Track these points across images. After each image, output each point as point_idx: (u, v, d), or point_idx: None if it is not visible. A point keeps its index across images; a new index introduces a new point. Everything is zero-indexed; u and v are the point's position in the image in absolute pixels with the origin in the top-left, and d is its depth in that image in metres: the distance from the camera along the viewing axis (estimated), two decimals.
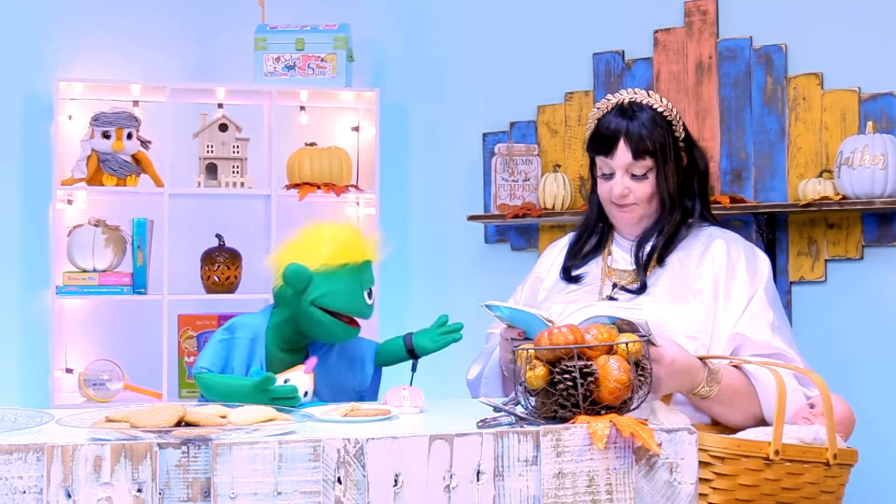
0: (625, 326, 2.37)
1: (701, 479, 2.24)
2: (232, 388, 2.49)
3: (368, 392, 2.86)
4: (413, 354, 2.83)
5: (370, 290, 2.74)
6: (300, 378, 2.56)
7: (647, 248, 2.82)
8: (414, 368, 2.83)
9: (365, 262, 2.72)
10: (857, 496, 3.41)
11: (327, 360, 2.79)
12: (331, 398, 2.71)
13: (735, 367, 2.63)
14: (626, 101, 2.82)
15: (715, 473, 2.27)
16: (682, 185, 2.86)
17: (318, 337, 2.73)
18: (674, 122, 2.82)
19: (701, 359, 2.53)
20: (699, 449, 2.21)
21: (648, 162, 2.78)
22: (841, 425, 2.56)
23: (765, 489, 2.30)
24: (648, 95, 2.83)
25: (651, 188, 2.80)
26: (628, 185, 2.80)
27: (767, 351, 2.64)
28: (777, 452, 2.30)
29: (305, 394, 2.55)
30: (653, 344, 2.30)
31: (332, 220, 2.78)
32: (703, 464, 2.24)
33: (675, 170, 2.82)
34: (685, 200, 2.86)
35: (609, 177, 2.83)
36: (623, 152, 2.78)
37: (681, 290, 2.74)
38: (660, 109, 2.81)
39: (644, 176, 2.79)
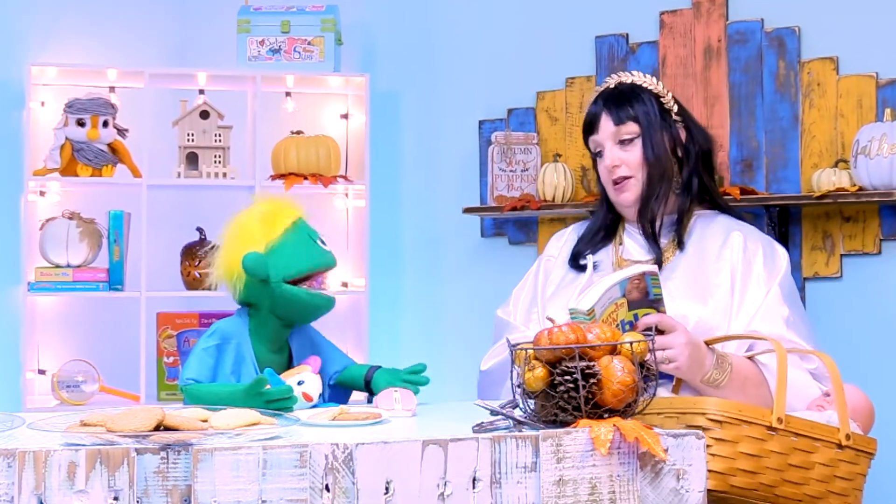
0: (635, 293, 2.44)
1: None
2: (222, 395, 2.50)
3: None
4: (369, 388, 2.83)
5: (320, 238, 2.79)
6: (312, 379, 2.59)
7: (651, 220, 2.87)
8: (369, 401, 2.82)
9: (297, 219, 2.78)
10: (878, 495, 3.42)
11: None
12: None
13: (748, 358, 2.70)
14: (613, 84, 2.98)
15: (714, 439, 2.27)
16: (684, 159, 2.96)
17: (303, 318, 2.78)
18: (662, 97, 2.95)
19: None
20: (696, 413, 2.23)
21: (632, 127, 2.91)
22: (857, 413, 2.57)
23: (770, 462, 2.31)
24: (632, 74, 2.99)
25: (640, 153, 2.90)
26: (617, 155, 2.92)
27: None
28: (780, 420, 2.31)
29: (321, 395, 2.59)
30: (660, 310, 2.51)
31: (242, 209, 2.82)
32: (700, 428, 2.25)
33: (670, 138, 2.92)
34: (683, 172, 2.95)
35: (601, 155, 2.96)
36: (606, 122, 2.93)
37: (698, 284, 2.79)
38: (644, 84, 2.96)
39: (631, 142, 2.91)
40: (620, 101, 2.92)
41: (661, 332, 2.56)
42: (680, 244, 2.89)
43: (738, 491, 2.26)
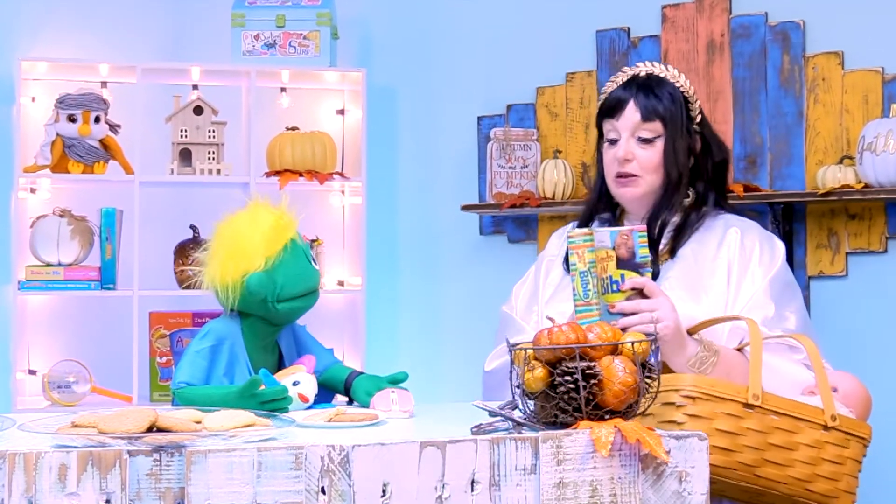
0: (623, 250, 2.51)
1: (670, 423, 2.26)
2: (215, 398, 2.50)
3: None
4: (348, 393, 2.82)
5: (312, 256, 2.82)
6: (308, 380, 2.59)
7: (659, 228, 2.85)
8: (350, 403, 2.82)
9: (294, 235, 2.79)
10: (881, 495, 3.42)
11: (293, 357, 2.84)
12: None
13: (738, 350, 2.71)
14: (643, 73, 2.91)
15: (688, 416, 2.28)
16: (695, 169, 2.91)
17: (297, 317, 2.81)
18: (690, 101, 2.90)
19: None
20: (670, 390, 2.24)
21: (657, 126, 2.85)
22: (851, 399, 2.58)
23: (748, 440, 2.32)
24: (666, 69, 2.92)
25: (658, 157, 2.85)
26: (632, 150, 2.86)
27: None
28: (756, 397, 2.32)
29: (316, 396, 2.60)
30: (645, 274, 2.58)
31: (236, 212, 2.81)
32: (673, 406, 2.26)
33: (686, 148, 2.88)
34: (697, 184, 2.91)
35: (615, 143, 2.90)
36: (632, 112, 2.86)
37: (694, 284, 2.78)
38: (676, 84, 2.89)
39: (651, 142, 2.85)
40: (652, 93, 2.85)
41: (645, 297, 2.61)
42: (672, 252, 2.85)
43: (716, 470, 2.26)
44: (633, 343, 2.12)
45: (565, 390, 2.06)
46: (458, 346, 4.50)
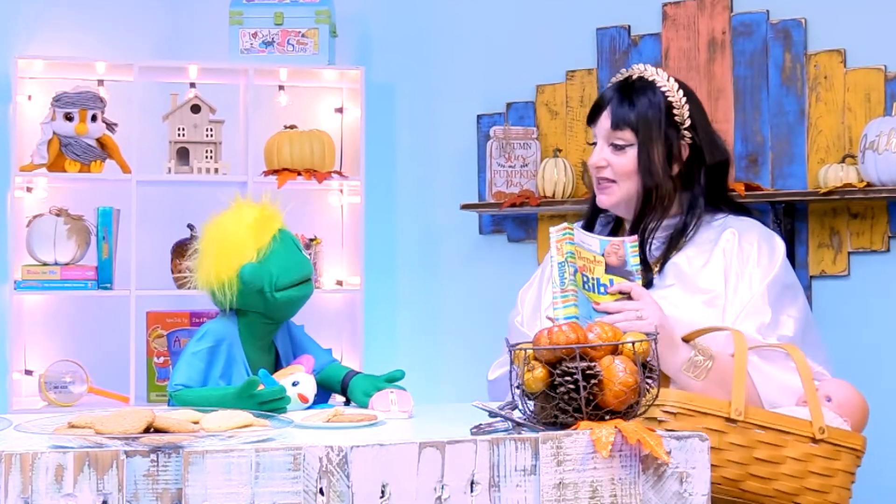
0: (613, 258, 2.49)
1: None
2: (212, 399, 2.50)
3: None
4: (345, 392, 2.82)
5: (300, 245, 2.84)
6: (307, 380, 2.59)
7: (645, 236, 2.83)
8: (347, 403, 2.82)
9: (281, 226, 2.80)
10: (882, 498, 3.41)
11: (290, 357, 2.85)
12: None
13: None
14: (635, 76, 2.88)
15: (670, 431, 2.27)
16: (686, 176, 2.86)
17: (293, 314, 2.81)
18: (675, 107, 2.83)
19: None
20: (653, 405, 2.24)
21: (628, 135, 2.83)
22: (846, 409, 2.56)
23: (733, 455, 2.32)
24: (657, 73, 2.87)
25: (630, 164, 2.83)
26: (606, 157, 2.86)
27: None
28: (739, 412, 2.32)
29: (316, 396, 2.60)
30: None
31: (222, 211, 2.82)
32: (655, 421, 2.25)
33: (665, 156, 2.83)
34: (684, 192, 2.87)
35: (594, 146, 2.91)
36: (604, 119, 2.86)
37: (688, 290, 2.75)
38: (663, 89, 2.84)
39: (623, 149, 2.84)
40: (626, 101, 2.83)
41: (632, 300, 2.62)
42: (664, 261, 2.82)
43: None
44: (633, 343, 2.12)
45: (565, 390, 2.06)
46: (458, 345, 4.50)
